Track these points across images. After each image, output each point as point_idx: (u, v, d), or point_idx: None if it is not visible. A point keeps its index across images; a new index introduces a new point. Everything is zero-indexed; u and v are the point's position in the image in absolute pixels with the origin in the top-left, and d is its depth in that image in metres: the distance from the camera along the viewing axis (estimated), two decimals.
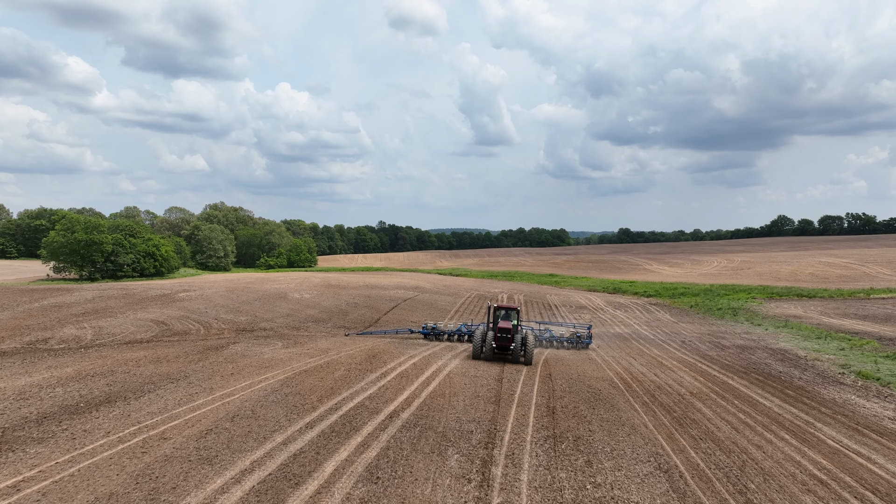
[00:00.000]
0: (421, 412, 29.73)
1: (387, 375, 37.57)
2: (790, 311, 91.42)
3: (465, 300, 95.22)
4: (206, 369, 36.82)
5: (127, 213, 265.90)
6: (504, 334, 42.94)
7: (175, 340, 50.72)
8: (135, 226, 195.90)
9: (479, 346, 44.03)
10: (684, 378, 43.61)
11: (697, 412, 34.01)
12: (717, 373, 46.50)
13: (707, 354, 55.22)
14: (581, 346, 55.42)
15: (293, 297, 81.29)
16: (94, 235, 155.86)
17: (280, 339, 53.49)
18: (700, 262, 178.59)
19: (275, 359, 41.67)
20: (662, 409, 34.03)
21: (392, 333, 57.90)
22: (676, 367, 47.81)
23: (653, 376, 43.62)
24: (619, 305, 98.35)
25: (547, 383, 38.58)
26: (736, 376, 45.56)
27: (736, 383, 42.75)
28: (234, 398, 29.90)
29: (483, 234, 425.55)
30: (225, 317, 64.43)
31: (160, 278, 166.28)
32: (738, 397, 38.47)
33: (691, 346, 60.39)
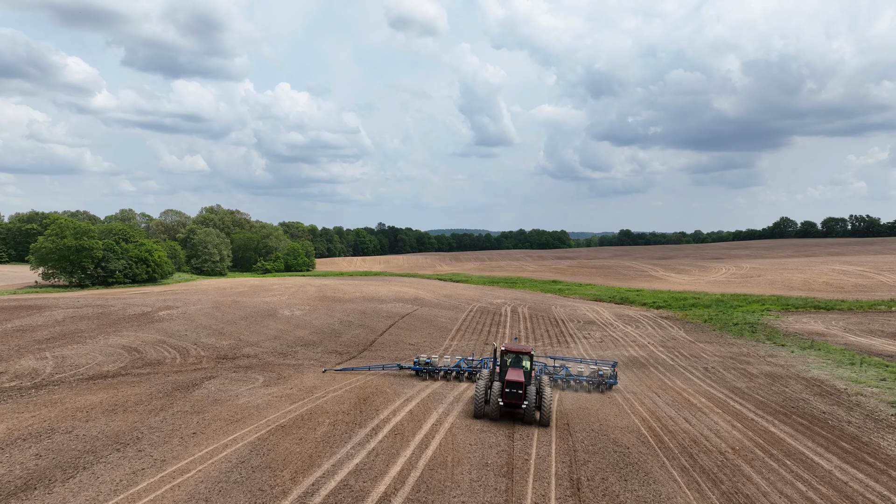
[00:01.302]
0: (418, 494, 23.96)
1: (378, 431, 31.80)
2: (811, 326, 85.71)
3: (466, 315, 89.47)
4: (165, 425, 31.03)
5: (122, 215, 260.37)
6: (514, 388, 34.47)
7: (144, 374, 44.95)
8: (128, 230, 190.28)
9: (482, 401, 35.00)
10: (720, 424, 37.86)
11: (748, 482, 28.25)
12: (754, 415, 40.76)
13: (736, 387, 49.47)
14: (604, 386, 46.11)
15: (283, 314, 75.52)
16: (83, 241, 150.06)
17: (262, 370, 47.72)
18: (707, 268, 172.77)
19: (250, 405, 35.90)
20: (706, 478, 28.27)
21: (378, 370, 48.65)
22: (707, 408, 42.05)
23: (684, 422, 37.86)
24: (629, 319, 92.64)
25: (566, 439, 32.81)
26: (776, 420, 39.84)
27: (780, 432, 37.00)
28: (188, 477, 24.12)
29: (483, 236, 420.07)
30: (206, 341, 58.66)
31: (152, 284, 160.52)
32: (788, 454, 32.72)
33: (716, 374, 54.63)
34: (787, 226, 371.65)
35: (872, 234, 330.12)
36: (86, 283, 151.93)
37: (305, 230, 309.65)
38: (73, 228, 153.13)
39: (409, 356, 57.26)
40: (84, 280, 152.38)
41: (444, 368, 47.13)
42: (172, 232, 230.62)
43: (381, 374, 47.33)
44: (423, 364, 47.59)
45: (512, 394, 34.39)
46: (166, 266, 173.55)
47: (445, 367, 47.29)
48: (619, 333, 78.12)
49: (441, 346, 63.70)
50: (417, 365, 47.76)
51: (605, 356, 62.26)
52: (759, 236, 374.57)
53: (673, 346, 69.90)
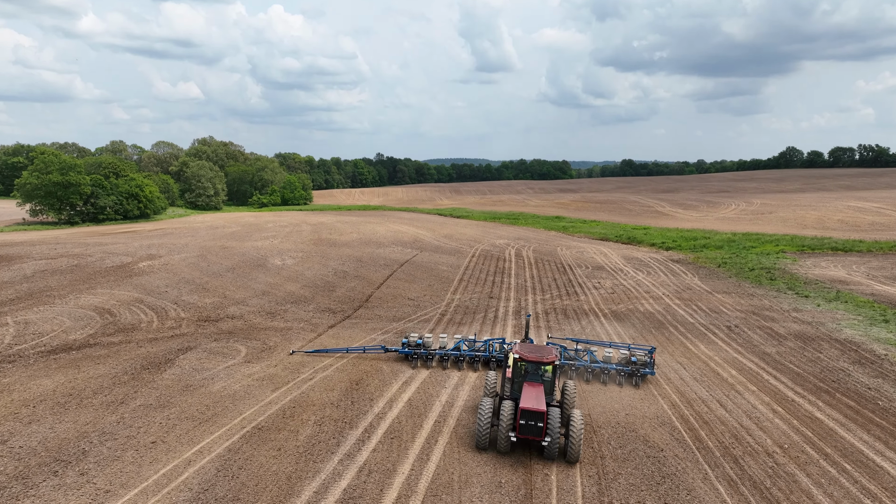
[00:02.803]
0: None
1: (371, 434, 26.99)
2: (832, 272, 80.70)
3: (469, 261, 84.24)
4: (121, 429, 26.17)
5: (113, 147, 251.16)
6: (532, 420, 24.82)
7: (114, 345, 40.05)
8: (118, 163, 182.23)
9: (485, 429, 25.65)
10: (759, 410, 33.19)
11: (805, 496, 23.62)
12: (793, 394, 36.10)
13: (765, 353, 44.74)
14: (638, 377, 36.34)
15: (274, 264, 70.21)
16: (70, 176, 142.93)
17: (246, 338, 42.82)
18: (716, 204, 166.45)
19: (225, 394, 31.02)
20: (760, 498, 23.60)
21: (358, 352, 39.26)
22: (740, 385, 37.36)
23: (718, 408, 33.17)
24: (640, 264, 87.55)
25: (590, 441, 28.06)
26: (819, 401, 35.20)
27: (828, 419, 32.38)
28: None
29: (483, 166, 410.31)
30: (187, 299, 53.59)
31: (145, 220, 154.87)
32: (844, 454, 28.13)
33: (741, 335, 49.87)
34: (793, 156, 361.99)
35: (881, 164, 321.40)
36: (75, 220, 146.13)
37: (302, 161, 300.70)
38: (58, 163, 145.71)
39: (408, 315, 52.38)
40: (74, 217, 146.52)
41: (439, 352, 37.64)
42: (165, 165, 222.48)
43: (372, 344, 42.35)
44: (413, 346, 38.13)
45: (528, 427, 24.96)
46: (158, 201, 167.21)
47: (441, 351, 37.85)
48: (631, 282, 73.13)
49: (442, 300, 58.77)
50: (407, 348, 38.27)
51: (620, 311, 57.47)
52: (765, 166, 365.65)
53: (689, 297, 65.02)
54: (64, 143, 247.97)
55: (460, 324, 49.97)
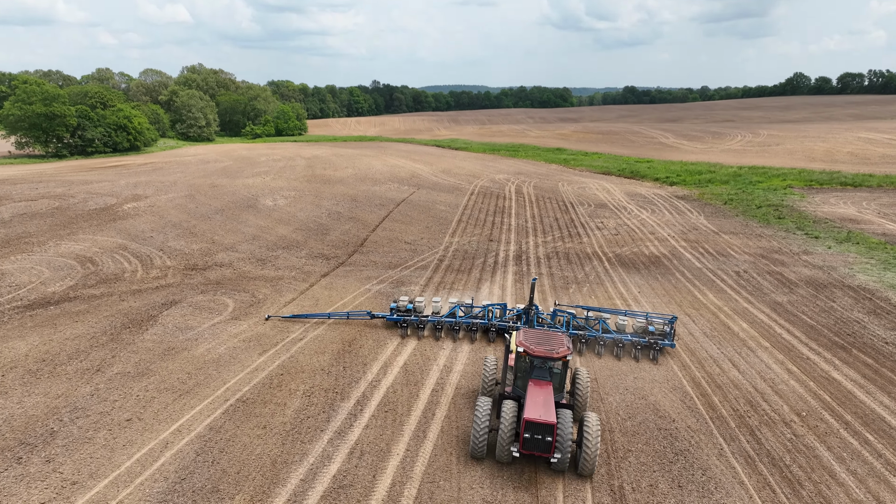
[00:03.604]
0: None
1: (364, 406, 25.12)
2: (841, 210, 78.06)
3: (468, 199, 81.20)
4: (95, 403, 24.24)
5: (100, 75, 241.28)
6: (538, 434, 20.37)
7: (95, 299, 37.87)
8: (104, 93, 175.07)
9: (481, 437, 21.33)
10: (773, 370, 31.42)
11: (832, 479, 22.05)
12: (808, 351, 34.30)
13: (777, 303, 42.78)
14: (655, 350, 31.90)
15: (265, 205, 67.22)
16: (54, 107, 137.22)
17: (234, 289, 40.63)
18: (721, 135, 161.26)
19: (209, 358, 29.03)
20: (779, 476, 22.07)
21: (340, 318, 35.21)
22: (752, 340, 35.51)
23: (731, 369, 31.37)
24: (643, 201, 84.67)
25: (596, 407, 26.25)
26: (836, 359, 33.43)
27: (846, 379, 30.68)
28: None
29: (482, 94, 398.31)
30: (174, 245, 51.04)
31: (135, 153, 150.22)
32: (866, 422, 26.51)
33: (750, 282, 47.80)
34: (800, 82, 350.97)
35: (891, 90, 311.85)
36: (63, 153, 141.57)
37: (296, 90, 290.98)
38: (41, 94, 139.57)
39: (405, 261, 50.07)
40: (61, 150, 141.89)
41: (431, 319, 33.47)
42: (154, 94, 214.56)
43: (364, 297, 40.20)
44: (402, 311, 34.40)
45: (534, 442, 20.37)
46: (148, 133, 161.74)
47: (434, 318, 33.57)
48: (635, 221, 70.51)
49: (440, 244, 56.33)
50: (396, 313, 34.31)
51: (624, 255, 55.18)
52: (770, 94, 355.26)
53: (696, 238, 62.63)
54: (48, 70, 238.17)
55: (459, 271, 47.75)
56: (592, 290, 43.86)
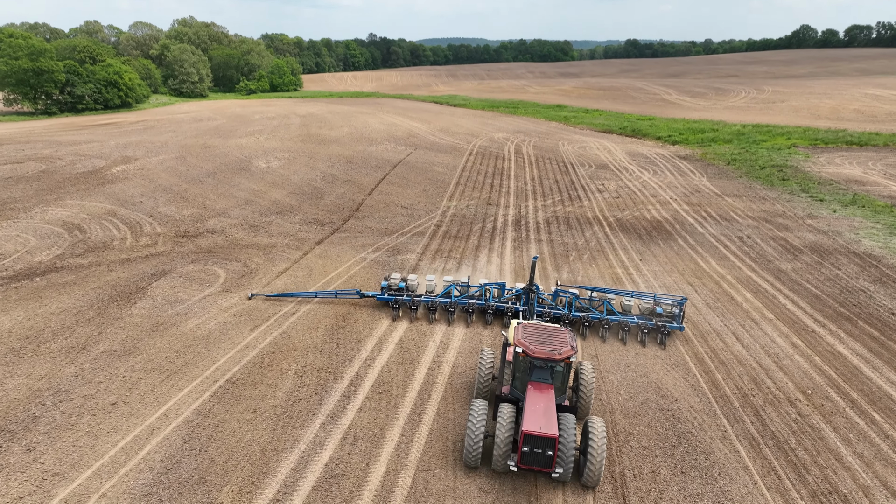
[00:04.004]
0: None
1: (358, 386, 24.34)
2: (847, 170, 76.49)
3: (466, 161, 79.30)
4: (79, 386, 23.41)
5: (88, 28, 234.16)
6: (538, 448, 18.37)
7: (83, 269, 36.77)
8: (93, 47, 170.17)
9: (475, 445, 19.19)
10: (777, 344, 30.64)
11: (839, 463, 21.43)
12: (813, 322, 33.51)
13: (781, 271, 41.83)
14: (663, 334, 29.73)
15: (258, 167, 65.41)
16: (41, 63, 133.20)
17: (226, 258, 39.52)
18: (724, 91, 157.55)
19: (198, 334, 28.13)
20: (784, 461, 21.45)
21: (328, 297, 32.88)
22: (756, 312, 34.69)
23: (735, 343, 30.58)
24: (645, 161, 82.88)
25: (598, 388, 25.51)
26: (841, 331, 32.66)
27: (852, 354, 29.95)
28: None
29: (481, 47, 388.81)
30: (164, 210, 49.64)
31: (127, 110, 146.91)
32: (873, 400, 25.87)
33: (754, 248, 46.76)
34: (806, 35, 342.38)
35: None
36: (53, 110, 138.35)
37: (290, 43, 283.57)
38: (27, 48, 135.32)
39: (401, 227, 48.84)
40: (51, 107, 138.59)
41: (425, 299, 31.20)
42: (145, 48, 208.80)
43: (359, 266, 39.12)
44: (394, 290, 32.44)
45: (534, 456, 18.42)
46: (140, 89, 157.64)
47: (427, 298, 31.36)
48: (637, 183, 68.98)
49: (438, 208, 54.98)
50: (388, 293, 32.29)
51: (626, 219, 53.95)
52: (775, 47, 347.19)
53: (698, 202, 61.30)
54: (34, 23, 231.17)
55: (456, 237, 46.58)
56: (593, 258, 42.81)
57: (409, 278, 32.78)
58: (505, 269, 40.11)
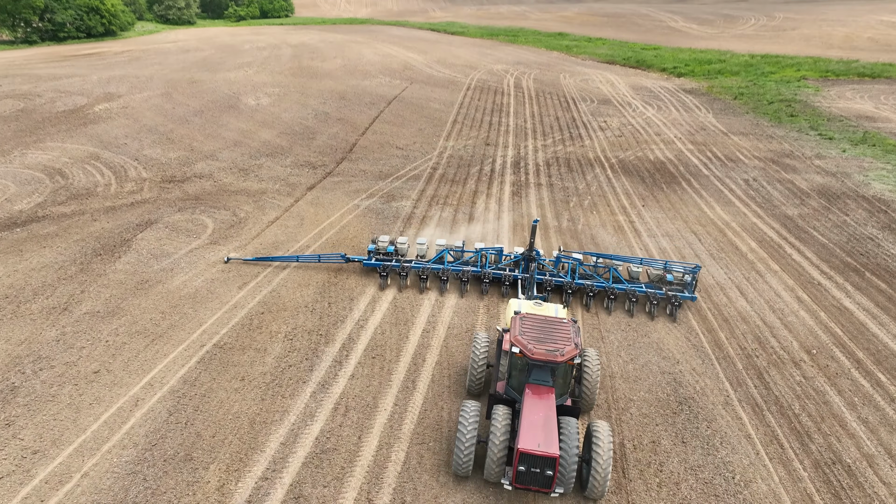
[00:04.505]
0: None
1: (350, 351, 23.50)
2: (857, 105, 73.82)
3: (464, 96, 76.14)
4: (60, 352, 22.53)
5: None
6: (535, 467, 16.10)
7: (65, 219, 35.35)
8: None
9: (466, 453, 17.02)
10: (783, 299, 29.76)
11: (843, 430, 20.93)
12: (819, 274, 32.55)
13: (787, 217, 40.56)
14: (674, 305, 27.09)
15: (247, 104, 62.56)
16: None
17: (214, 206, 38.05)
18: (734, 18, 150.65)
19: (185, 293, 27.09)
20: (787, 428, 20.94)
21: (311, 261, 30.28)
22: (761, 262, 33.66)
23: (738, 297, 29.69)
24: (649, 95, 79.83)
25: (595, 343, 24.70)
26: (848, 283, 31.77)
27: (858, 308, 29.16)
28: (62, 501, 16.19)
29: None
30: (150, 153, 47.54)
31: (111, 38, 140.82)
32: (879, 360, 25.25)
33: (760, 192, 45.27)
34: None
35: None
36: (33, 38, 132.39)
37: None
38: None
39: (396, 170, 47.05)
40: (31, 35, 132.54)
41: (416, 265, 28.59)
42: None
43: (352, 215, 37.68)
44: (382, 255, 29.90)
45: (531, 476, 16.15)
46: (124, 16, 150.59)
47: (419, 264, 28.74)
48: (640, 120, 66.49)
49: (434, 149, 52.94)
50: (375, 258, 29.67)
51: (628, 160, 52.10)
52: None
53: (703, 141, 59.18)
54: None
55: (453, 181, 44.91)
56: (594, 205, 41.36)
57: (399, 241, 30.04)
58: (503, 217, 38.72)
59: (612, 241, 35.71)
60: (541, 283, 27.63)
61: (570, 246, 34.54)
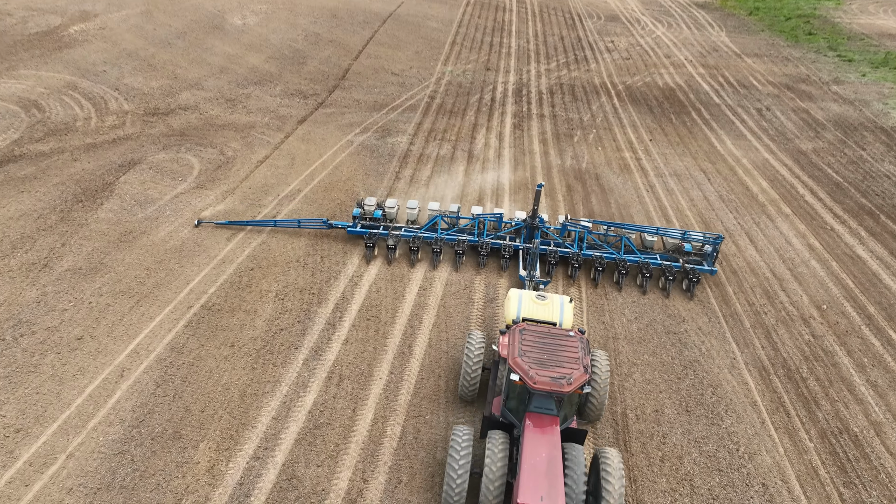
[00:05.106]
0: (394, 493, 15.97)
1: (344, 311, 22.52)
2: (881, 21, 69.60)
3: (462, 12, 71.16)
4: (41, 314, 21.52)
5: None
6: None
7: (43, 158, 33.45)
8: None
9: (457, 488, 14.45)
10: (794, 246, 28.62)
11: (850, 395, 20.42)
12: (832, 218, 31.27)
13: (801, 153, 38.70)
14: (692, 280, 24.21)
15: (233, 25, 58.32)
16: None
17: (200, 143, 36.07)
18: None
19: (172, 247, 25.82)
20: (794, 393, 20.32)
21: (290, 226, 26.87)
22: (772, 205, 32.28)
23: (748, 246, 28.53)
24: (659, 11, 75.07)
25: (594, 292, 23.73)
26: (861, 228, 30.65)
27: (871, 257, 28.16)
28: (46, 486, 15.65)
29: None
30: (130, 82, 44.60)
31: None
32: (890, 315, 24.63)
33: (774, 123, 43.05)
34: None
35: None
36: None
37: None
38: None
39: (391, 99, 44.51)
40: None
41: (406, 234, 25.41)
42: None
43: (346, 153, 35.70)
44: (368, 219, 26.56)
45: None
46: None
47: (409, 233, 25.47)
48: (649, 40, 62.66)
49: (432, 75, 49.93)
50: (361, 223, 26.43)
51: (636, 86, 49.33)
52: None
53: (715, 64, 55.93)
54: None
55: (452, 113, 42.54)
56: (599, 140, 39.26)
57: (387, 205, 26.88)
58: (504, 154, 36.78)
59: (618, 181, 34.02)
60: (545, 253, 24.74)
61: (574, 189, 32.92)
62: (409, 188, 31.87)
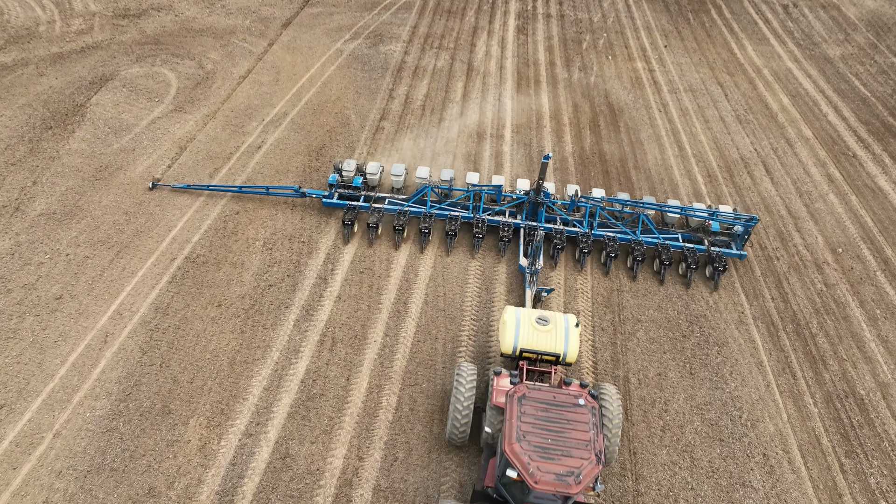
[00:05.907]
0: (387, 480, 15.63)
1: (335, 267, 21.18)
2: None
3: None
4: (16, 269, 20.12)
5: None
6: None
7: (6, 71, 30.41)
8: None
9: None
10: (813, 177, 26.81)
11: (860, 352, 19.70)
12: (856, 143, 29.19)
13: (828, 59, 35.57)
14: (718, 267, 20.56)
15: None
16: None
17: (176, 55, 32.83)
18: None
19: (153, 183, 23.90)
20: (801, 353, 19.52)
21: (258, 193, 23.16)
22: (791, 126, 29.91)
23: (764, 179, 26.68)
24: None
25: None
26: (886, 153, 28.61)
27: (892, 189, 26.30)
28: (34, 471, 15.21)
29: None
30: None
31: None
32: None
33: (801, 25, 39.25)
34: None
35: None
36: None
37: None
38: None
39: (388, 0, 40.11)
40: None
41: (389, 208, 21.88)
42: None
43: (335, 65, 32.55)
44: (348, 188, 22.72)
45: None
46: None
47: (394, 206, 21.93)
48: None
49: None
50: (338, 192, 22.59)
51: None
52: None
53: None
54: None
55: (450, 13, 38.53)
56: (610, 45, 35.79)
57: (369, 171, 22.68)
58: (506, 66, 33.60)
59: (629, 98, 31.27)
60: (550, 232, 21.33)
61: (581, 108, 30.27)
62: (404, 112, 29.26)
